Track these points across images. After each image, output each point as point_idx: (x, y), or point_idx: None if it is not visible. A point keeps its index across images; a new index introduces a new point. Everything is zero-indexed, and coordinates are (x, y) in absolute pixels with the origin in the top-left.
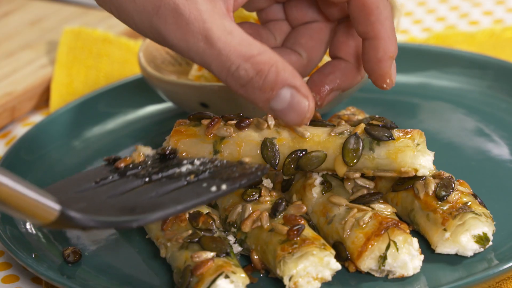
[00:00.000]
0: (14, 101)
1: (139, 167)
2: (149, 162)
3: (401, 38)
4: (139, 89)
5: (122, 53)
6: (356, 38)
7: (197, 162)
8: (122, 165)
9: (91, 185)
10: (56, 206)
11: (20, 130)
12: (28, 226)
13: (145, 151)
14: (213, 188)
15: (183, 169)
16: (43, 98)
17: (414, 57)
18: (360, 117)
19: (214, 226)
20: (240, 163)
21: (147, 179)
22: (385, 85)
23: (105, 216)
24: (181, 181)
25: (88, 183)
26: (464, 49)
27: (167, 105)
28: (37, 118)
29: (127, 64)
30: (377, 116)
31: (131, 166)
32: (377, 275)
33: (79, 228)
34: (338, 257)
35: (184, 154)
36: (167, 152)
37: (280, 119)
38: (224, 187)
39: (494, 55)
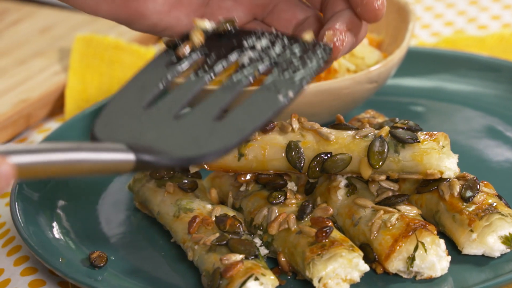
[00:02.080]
0: (29, 108)
1: (199, 52)
2: (207, 43)
3: (410, 42)
4: None
5: (134, 59)
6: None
7: (258, 45)
8: (185, 51)
9: (156, 90)
10: (131, 156)
11: (36, 137)
12: (54, 231)
13: (203, 26)
14: (280, 97)
15: (245, 59)
16: (58, 104)
17: (427, 60)
18: (379, 120)
19: (241, 229)
20: (301, 43)
21: (212, 75)
22: (377, 4)
23: (180, 153)
24: (246, 80)
25: (152, 88)
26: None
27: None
28: (52, 124)
29: None
30: (397, 119)
31: (191, 51)
32: (405, 276)
33: (158, 168)
34: (365, 259)
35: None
36: (229, 29)
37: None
38: (291, 94)
39: (506, 59)
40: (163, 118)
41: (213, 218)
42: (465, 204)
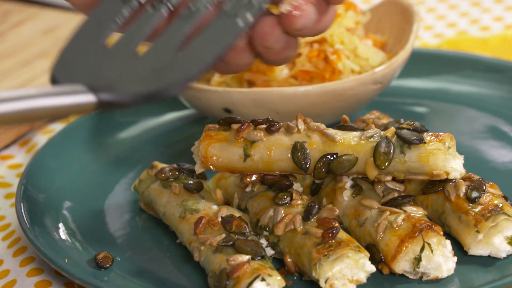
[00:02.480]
0: None
1: None
2: None
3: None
4: None
5: None
6: None
7: None
8: None
9: (113, 26)
10: (90, 97)
11: (39, 138)
12: (60, 232)
13: None
14: (240, 22)
15: None
16: None
17: (431, 62)
18: (384, 121)
19: (247, 230)
20: None
21: (169, 5)
22: None
23: (141, 88)
24: (205, 8)
25: (109, 24)
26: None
27: (187, 111)
28: (55, 126)
29: None
30: (402, 120)
31: None
32: (411, 277)
33: (121, 106)
34: (371, 260)
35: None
36: None
37: None
38: (250, 17)
39: (509, 60)
40: (123, 54)
41: (219, 219)
42: (471, 205)
